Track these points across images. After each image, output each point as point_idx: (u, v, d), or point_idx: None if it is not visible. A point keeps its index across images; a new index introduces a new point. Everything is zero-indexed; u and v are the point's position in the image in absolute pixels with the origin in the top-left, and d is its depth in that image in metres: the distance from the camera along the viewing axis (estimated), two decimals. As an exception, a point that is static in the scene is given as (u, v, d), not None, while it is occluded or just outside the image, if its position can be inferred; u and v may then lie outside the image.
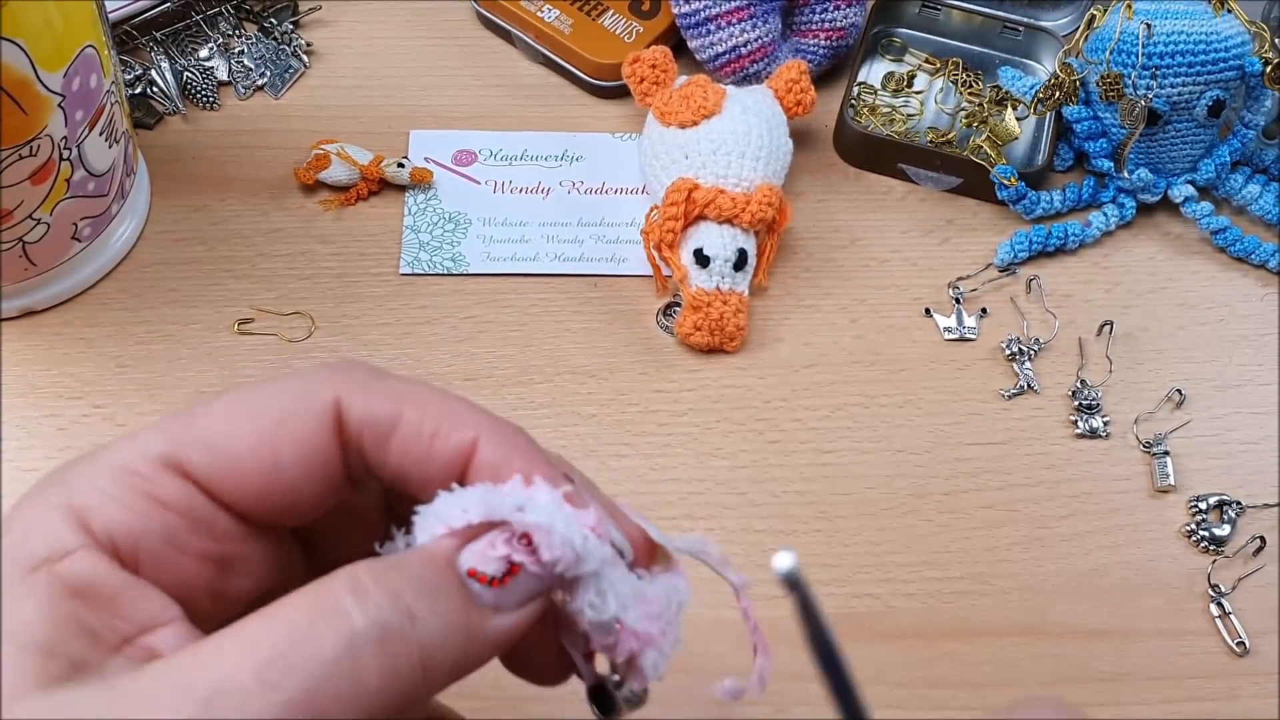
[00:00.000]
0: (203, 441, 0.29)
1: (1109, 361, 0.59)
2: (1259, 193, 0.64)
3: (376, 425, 0.30)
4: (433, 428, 0.30)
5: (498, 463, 0.30)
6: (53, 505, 0.28)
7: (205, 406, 0.30)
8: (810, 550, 0.54)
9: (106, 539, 0.28)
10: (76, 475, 0.29)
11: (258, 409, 0.30)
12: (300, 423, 0.29)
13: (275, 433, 0.29)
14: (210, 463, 0.29)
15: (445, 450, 0.30)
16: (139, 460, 0.29)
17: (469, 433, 0.30)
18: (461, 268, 0.61)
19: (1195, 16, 0.61)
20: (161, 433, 0.29)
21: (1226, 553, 0.54)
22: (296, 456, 0.29)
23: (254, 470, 0.29)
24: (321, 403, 0.30)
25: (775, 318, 0.60)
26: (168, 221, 0.61)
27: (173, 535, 0.29)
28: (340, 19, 0.70)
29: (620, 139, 0.66)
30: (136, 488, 0.29)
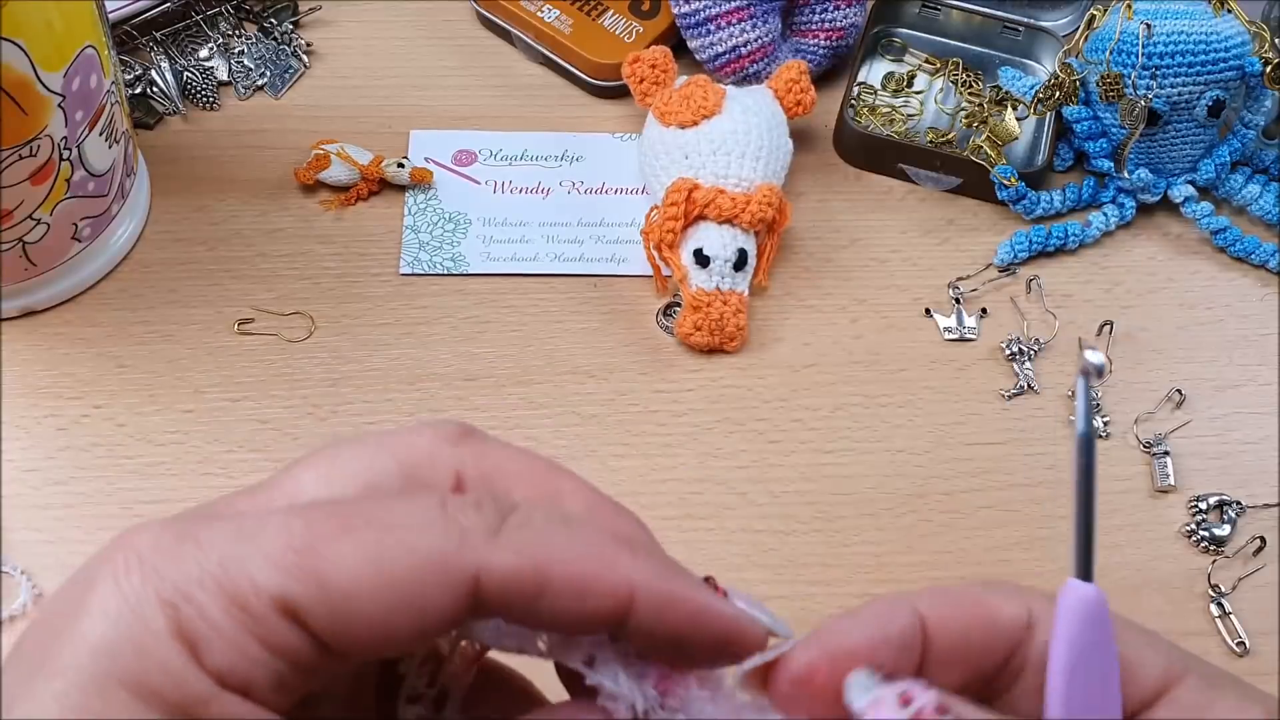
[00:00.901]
0: (325, 595, 0.26)
1: (1109, 361, 0.59)
2: (1259, 193, 0.64)
3: (521, 594, 0.27)
4: (581, 587, 0.27)
5: (659, 610, 0.28)
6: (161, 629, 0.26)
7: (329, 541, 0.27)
8: (810, 550, 0.54)
9: (219, 679, 0.26)
10: (179, 591, 0.26)
11: (389, 563, 0.26)
12: (434, 594, 0.27)
13: (405, 601, 0.27)
14: (329, 617, 0.26)
15: (599, 608, 0.27)
16: (253, 596, 0.26)
17: (622, 585, 0.27)
18: (461, 268, 0.61)
19: (1195, 16, 0.61)
20: (279, 564, 0.26)
21: (1226, 553, 0.54)
22: (419, 622, 0.27)
23: (371, 633, 0.27)
24: (460, 573, 0.27)
25: (775, 318, 0.60)
26: (168, 221, 0.61)
27: (280, 680, 0.27)
28: (340, 19, 0.70)
29: (620, 139, 0.66)
30: (251, 630, 0.26)
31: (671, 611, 0.28)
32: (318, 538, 0.27)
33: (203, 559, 0.26)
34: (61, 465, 0.54)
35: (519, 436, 0.56)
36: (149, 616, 0.26)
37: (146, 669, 0.25)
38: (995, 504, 0.55)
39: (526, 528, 0.28)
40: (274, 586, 0.26)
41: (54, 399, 0.55)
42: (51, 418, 0.55)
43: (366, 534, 0.27)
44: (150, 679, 0.25)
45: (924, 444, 0.57)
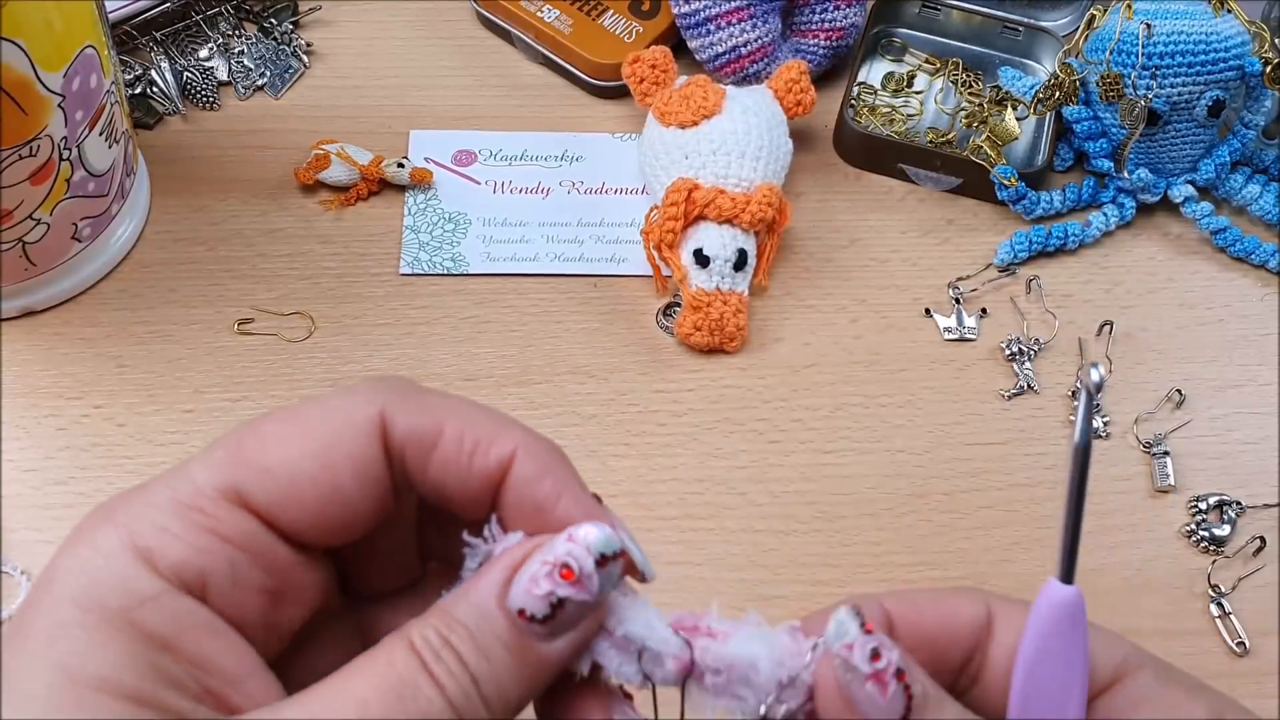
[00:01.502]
0: (260, 470, 0.29)
1: (1109, 361, 0.59)
2: (1259, 193, 0.64)
3: (419, 440, 0.30)
4: (472, 443, 0.30)
5: (532, 478, 0.30)
6: (116, 546, 0.28)
7: (253, 433, 0.30)
8: (810, 550, 0.54)
9: (175, 579, 0.28)
10: (134, 514, 0.28)
11: (309, 431, 0.29)
12: (352, 441, 0.29)
13: (330, 453, 0.29)
14: (270, 491, 0.29)
15: (484, 465, 0.30)
16: (199, 495, 0.29)
17: (507, 447, 0.30)
18: (461, 268, 0.61)
19: (1195, 16, 0.61)
20: (215, 464, 0.29)
21: (1226, 553, 0.54)
22: (351, 475, 0.29)
23: (313, 494, 0.29)
24: (369, 419, 0.30)
25: (775, 318, 0.60)
26: (168, 221, 0.61)
27: (237, 571, 0.29)
28: (340, 19, 0.70)
29: (620, 139, 0.66)
30: (200, 524, 0.28)
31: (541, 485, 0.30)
32: (245, 431, 0.30)
33: (150, 489, 0.29)
34: (61, 465, 0.54)
35: (519, 436, 0.56)
36: (102, 541, 0.28)
37: (93, 581, 0.27)
38: (995, 504, 0.55)
39: (428, 394, 0.31)
40: (216, 480, 0.29)
41: (54, 399, 0.55)
42: (51, 418, 0.55)
43: (285, 417, 0.30)
44: (96, 589, 0.27)
45: (924, 444, 0.57)
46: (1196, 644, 0.52)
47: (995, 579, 0.53)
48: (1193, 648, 0.52)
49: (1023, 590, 0.53)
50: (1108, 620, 0.52)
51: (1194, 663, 0.52)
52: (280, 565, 0.29)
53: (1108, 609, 0.53)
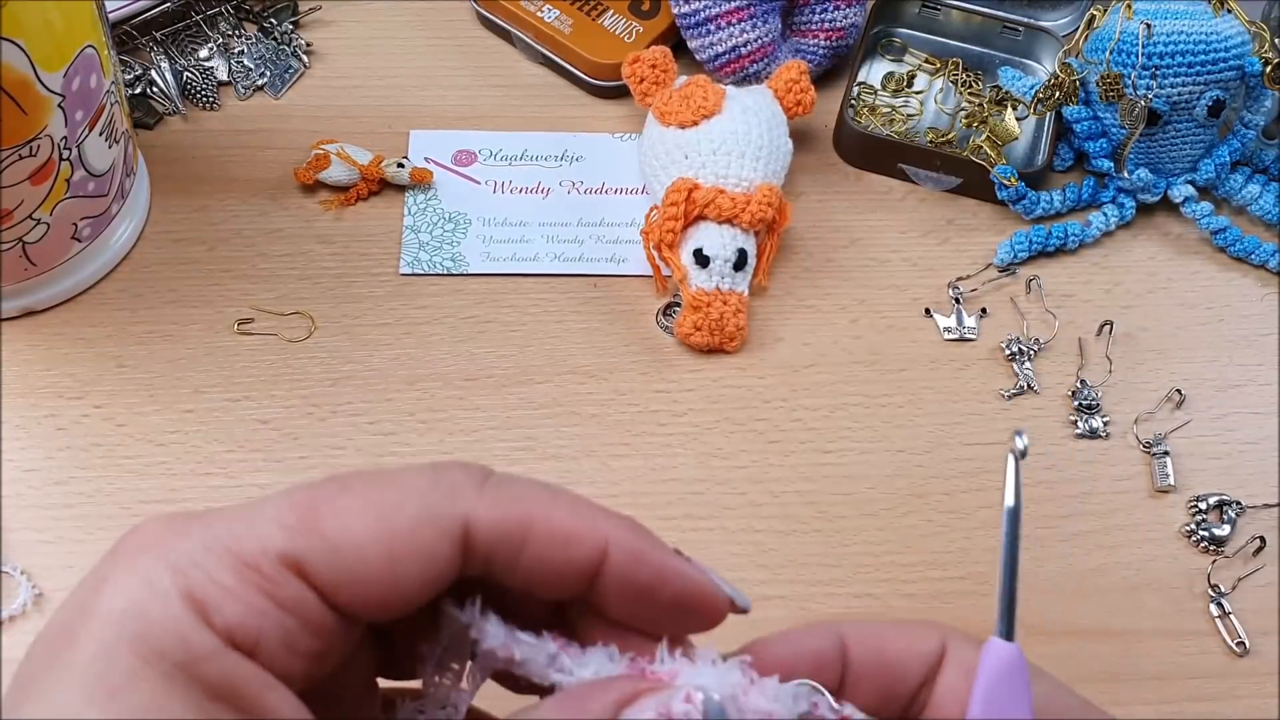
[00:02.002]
0: (328, 546, 0.28)
1: (1109, 361, 0.59)
2: (1259, 193, 0.64)
3: (508, 540, 0.29)
4: (563, 538, 0.30)
5: (629, 566, 0.30)
6: (171, 591, 0.27)
7: (328, 503, 0.29)
8: (810, 550, 0.54)
9: (228, 638, 0.27)
10: (190, 558, 0.28)
11: (386, 516, 0.28)
12: (428, 539, 0.29)
13: (403, 548, 0.28)
14: (333, 571, 0.28)
15: (578, 559, 0.30)
16: (260, 555, 0.28)
17: (599, 538, 0.30)
18: (461, 268, 0.61)
19: (1195, 16, 0.61)
20: (283, 525, 0.28)
21: (1226, 553, 0.54)
22: (419, 573, 0.29)
23: (375, 583, 0.28)
24: (451, 520, 0.29)
25: (775, 318, 0.60)
26: (168, 221, 0.61)
27: (288, 636, 0.28)
28: (340, 19, 0.70)
29: (620, 139, 0.66)
30: (258, 586, 0.28)
31: (641, 566, 0.30)
32: (319, 499, 0.29)
33: (210, 531, 0.28)
34: (61, 465, 0.54)
35: (519, 436, 0.56)
36: (157, 583, 0.27)
37: (151, 630, 0.27)
38: (995, 504, 0.55)
39: (510, 484, 0.30)
40: (279, 544, 0.28)
41: (54, 399, 0.55)
42: (51, 418, 0.55)
43: (364, 493, 0.29)
44: (155, 639, 0.26)
45: (924, 444, 0.57)
46: (1196, 644, 0.52)
47: (995, 579, 0.53)
48: (1193, 648, 0.52)
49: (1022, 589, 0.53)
50: (1108, 620, 0.52)
51: (1194, 663, 0.52)
52: (328, 631, 0.29)
53: (1108, 609, 0.53)
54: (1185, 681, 0.51)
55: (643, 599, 0.30)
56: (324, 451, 0.55)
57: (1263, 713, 0.51)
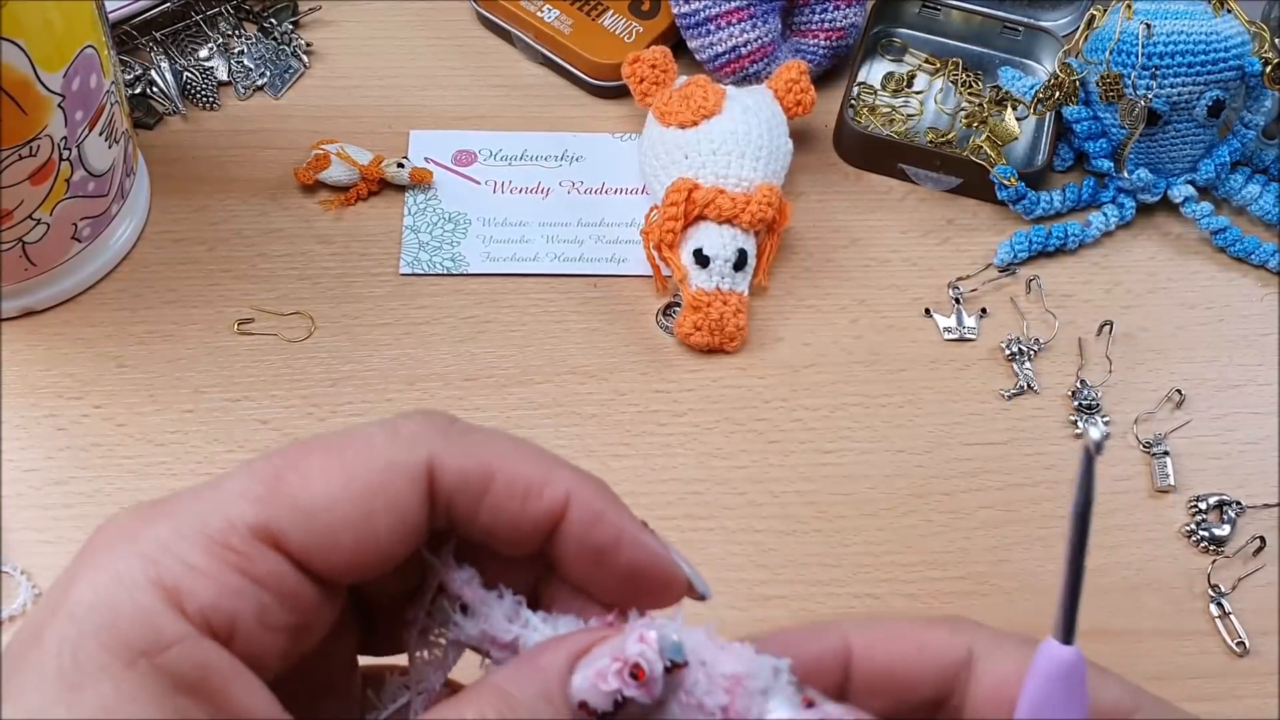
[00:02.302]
0: (299, 511, 0.28)
1: (1109, 361, 0.59)
2: (1259, 193, 0.64)
3: (469, 486, 0.29)
4: (523, 487, 0.29)
5: (589, 522, 0.30)
6: (141, 580, 0.27)
7: (293, 467, 0.28)
8: (810, 550, 0.54)
9: (202, 621, 0.27)
10: (160, 543, 0.27)
11: (352, 473, 0.28)
12: (396, 489, 0.28)
13: (372, 499, 0.28)
14: (306, 534, 0.28)
15: (537, 510, 0.29)
16: (231, 532, 0.27)
17: (559, 491, 0.29)
18: (461, 268, 0.61)
19: (1195, 16, 0.61)
20: (251, 499, 0.28)
21: (1226, 553, 0.54)
22: (391, 523, 0.28)
23: (350, 541, 0.28)
24: (415, 465, 0.29)
25: (775, 318, 0.60)
26: (168, 221, 0.61)
27: (265, 614, 0.28)
28: (340, 19, 0.70)
29: (620, 139, 0.66)
30: (231, 563, 0.27)
31: (600, 526, 0.30)
32: (282, 465, 0.28)
33: (178, 514, 0.28)
34: (61, 465, 0.54)
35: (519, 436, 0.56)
36: (125, 573, 0.27)
37: (118, 622, 0.26)
38: (995, 504, 0.55)
39: (474, 431, 0.30)
40: (249, 516, 0.27)
41: (54, 399, 0.56)
42: (51, 418, 0.55)
43: (327, 452, 0.28)
44: (121, 631, 0.26)
45: (924, 444, 0.57)
46: (1196, 644, 0.52)
47: (995, 579, 0.53)
48: (1193, 648, 0.52)
49: (1023, 589, 0.53)
50: (1108, 620, 0.52)
51: (1194, 663, 0.52)
52: (305, 603, 0.28)
53: (1108, 609, 0.53)
54: (1185, 681, 0.51)
55: (599, 561, 0.30)
56: (324, 451, 0.55)
57: (1263, 713, 0.51)
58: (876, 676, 0.31)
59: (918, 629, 0.31)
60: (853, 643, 0.31)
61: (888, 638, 0.31)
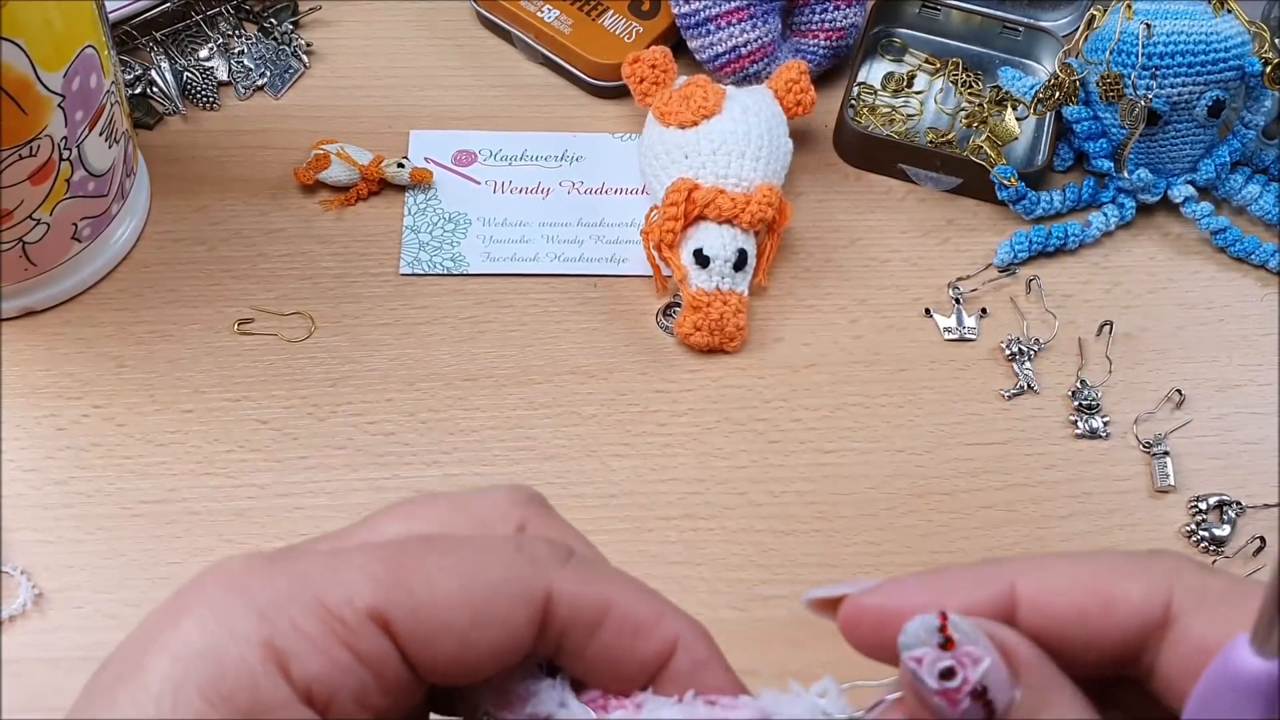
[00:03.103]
0: (414, 603, 0.27)
1: (1109, 361, 0.59)
2: (1259, 193, 0.64)
3: (584, 619, 0.29)
4: (634, 627, 0.29)
5: (691, 672, 0.30)
6: (252, 637, 0.26)
7: (416, 556, 0.28)
8: (810, 550, 0.54)
9: (305, 690, 0.27)
10: (274, 605, 0.27)
11: (472, 578, 0.28)
12: (510, 607, 0.28)
13: (483, 610, 0.28)
14: (416, 628, 0.28)
15: (645, 653, 0.29)
16: (346, 606, 0.27)
17: (669, 636, 0.29)
18: (461, 268, 0.61)
19: (1195, 16, 0.61)
20: (369, 575, 0.28)
21: (1226, 553, 0.54)
22: (497, 638, 0.28)
23: (454, 644, 0.28)
24: (535, 591, 0.28)
25: (775, 318, 0.60)
26: (168, 221, 0.61)
27: (363, 693, 0.28)
28: (340, 19, 0.70)
29: (620, 139, 0.66)
30: (341, 637, 0.27)
31: (703, 675, 0.29)
32: (406, 556, 0.28)
33: (295, 577, 0.27)
34: (61, 465, 0.54)
35: (519, 436, 0.56)
36: (237, 626, 0.26)
37: (224, 675, 0.26)
38: (995, 504, 0.55)
39: (592, 564, 0.30)
40: (367, 596, 0.27)
41: (54, 399, 0.56)
42: (51, 418, 0.55)
43: (450, 553, 0.28)
44: (225, 685, 0.26)
45: (924, 444, 0.57)
46: (1196, 644, 0.52)
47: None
48: (1193, 648, 0.52)
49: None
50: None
51: (1194, 663, 0.52)
52: (400, 691, 0.28)
53: (1108, 609, 0.53)
54: (1185, 681, 0.51)
55: None
56: (324, 451, 0.55)
57: (1263, 713, 0.51)
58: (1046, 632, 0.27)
59: (1103, 576, 0.27)
60: (1020, 591, 0.28)
61: (1066, 587, 0.27)
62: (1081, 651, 0.27)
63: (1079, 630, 0.27)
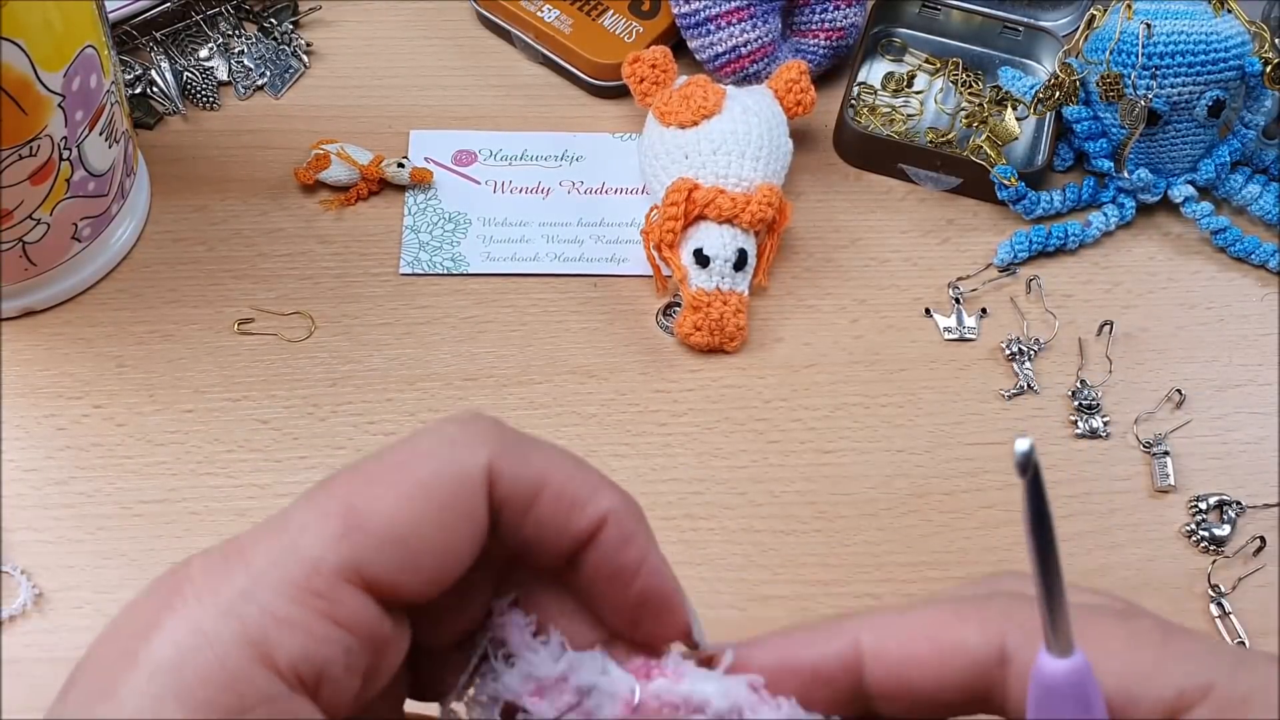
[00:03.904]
0: (381, 541, 0.27)
1: (1109, 361, 0.59)
2: (1259, 193, 0.64)
3: (521, 496, 0.29)
4: (569, 501, 0.29)
5: (618, 544, 0.30)
6: (227, 639, 0.26)
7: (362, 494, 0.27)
8: (810, 550, 0.54)
9: (293, 674, 0.26)
10: (243, 597, 0.26)
11: (424, 491, 0.28)
12: (467, 499, 0.28)
13: (447, 516, 0.28)
14: (390, 562, 0.27)
15: (578, 525, 0.29)
16: (316, 576, 0.26)
17: (601, 509, 0.29)
18: (461, 268, 0.61)
19: (1195, 16, 0.61)
20: (328, 536, 0.27)
21: (1226, 553, 0.54)
22: (471, 533, 0.28)
23: (431, 561, 0.28)
24: (480, 472, 0.28)
25: (775, 318, 0.60)
26: (168, 221, 0.61)
27: (350, 658, 0.27)
28: (340, 19, 0.70)
29: (620, 139, 0.66)
30: (319, 609, 0.26)
31: (627, 549, 0.30)
32: (352, 498, 0.27)
33: (254, 564, 0.27)
34: (61, 465, 0.54)
35: (519, 436, 0.56)
36: (209, 629, 0.26)
37: (202, 682, 0.25)
38: (995, 504, 0.55)
39: (526, 441, 0.30)
40: (334, 558, 0.27)
41: (54, 399, 0.56)
42: (51, 418, 0.55)
43: (391, 474, 0.28)
44: (204, 693, 0.25)
45: (924, 444, 0.57)
46: (1196, 644, 0.52)
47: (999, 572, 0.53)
48: (1193, 648, 0.52)
49: (1023, 590, 0.53)
50: (1108, 620, 0.52)
51: (1194, 663, 0.52)
52: (383, 642, 0.28)
53: (1108, 609, 0.53)
54: (1185, 681, 0.51)
55: (615, 581, 0.30)
56: (324, 451, 0.55)
57: (1263, 713, 0.51)
58: (892, 684, 0.29)
59: (938, 625, 0.29)
60: (863, 646, 0.29)
61: (902, 639, 0.29)
62: (933, 695, 0.29)
63: (923, 679, 0.29)
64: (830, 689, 0.29)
